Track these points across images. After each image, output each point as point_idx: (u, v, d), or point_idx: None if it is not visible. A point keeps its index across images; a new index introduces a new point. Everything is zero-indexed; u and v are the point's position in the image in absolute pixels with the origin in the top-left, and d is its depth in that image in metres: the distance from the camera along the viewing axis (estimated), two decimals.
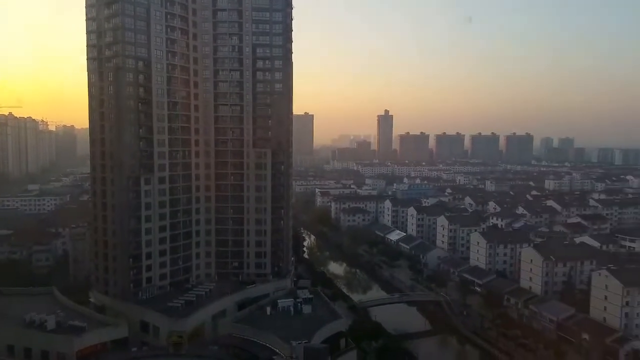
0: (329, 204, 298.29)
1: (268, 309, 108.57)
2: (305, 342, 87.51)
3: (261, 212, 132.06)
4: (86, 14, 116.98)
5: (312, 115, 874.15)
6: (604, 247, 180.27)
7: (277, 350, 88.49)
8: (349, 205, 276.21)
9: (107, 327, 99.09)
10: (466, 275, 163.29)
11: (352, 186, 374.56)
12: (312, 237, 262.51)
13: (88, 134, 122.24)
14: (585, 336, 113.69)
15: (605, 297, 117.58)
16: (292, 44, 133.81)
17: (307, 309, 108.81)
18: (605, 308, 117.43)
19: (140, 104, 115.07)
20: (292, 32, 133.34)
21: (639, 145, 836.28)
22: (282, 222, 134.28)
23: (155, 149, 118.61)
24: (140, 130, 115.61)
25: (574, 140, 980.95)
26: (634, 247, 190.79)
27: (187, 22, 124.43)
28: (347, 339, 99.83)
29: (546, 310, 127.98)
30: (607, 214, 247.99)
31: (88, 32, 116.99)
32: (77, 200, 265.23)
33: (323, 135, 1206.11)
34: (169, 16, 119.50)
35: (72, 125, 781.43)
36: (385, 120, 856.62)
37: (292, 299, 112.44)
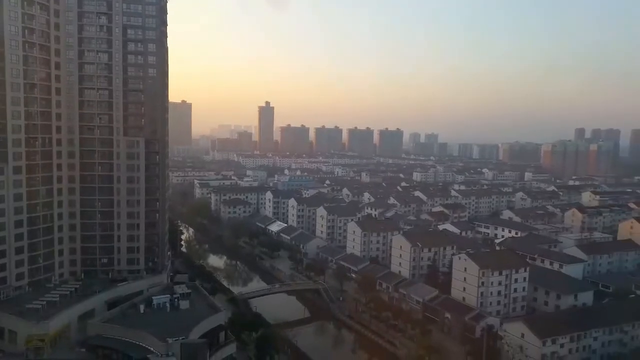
0: (209, 195, 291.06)
1: (142, 307, 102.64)
2: (182, 339, 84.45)
3: (134, 204, 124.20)
4: None
5: (190, 104, 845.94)
6: (463, 233, 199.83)
7: (152, 349, 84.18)
8: (229, 197, 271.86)
9: None
10: (343, 263, 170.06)
11: (232, 177, 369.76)
12: (191, 230, 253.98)
13: None
14: (447, 315, 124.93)
15: (464, 279, 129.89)
16: (168, 27, 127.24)
17: (184, 304, 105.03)
18: (464, 288, 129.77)
19: None
20: (168, 15, 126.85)
21: (494, 141, 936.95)
22: (157, 215, 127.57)
23: (10, 135, 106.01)
24: None
25: (438, 135, 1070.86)
26: (488, 233, 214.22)
27: None
28: (226, 332, 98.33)
29: (413, 292, 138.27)
30: (465, 203, 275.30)
31: None
32: None
33: (202, 124, 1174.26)
34: None
35: None
36: (266, 112, 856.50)
37: (169, 295, 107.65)
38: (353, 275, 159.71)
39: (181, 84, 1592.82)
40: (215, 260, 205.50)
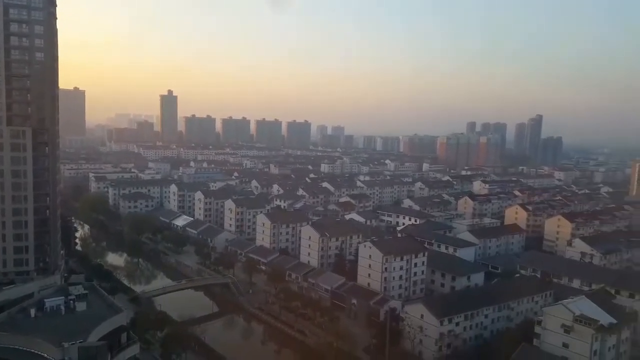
0: (106, 189, 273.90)
1: (32, 311, 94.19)
2: (80, 342, 79.00)
3: (20, 201, 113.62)
4: None
5: (84, 91, 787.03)
6: (368, 222, 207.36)
7: (46, 355, 77.81)
8: (129, 191, 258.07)
9: None
10: (252, 255, 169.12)
11: (133, 170, 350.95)
12: (87, 227, 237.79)
13: None
14: (354, 301, 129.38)
15: (369, 265, 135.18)
16: (57, 8, 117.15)
17: (81, 306, 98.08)
18: (369, 275, 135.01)
19: None
20: None
21: (395, 134, 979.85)
22: (47, 211, 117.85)
23: None
24: None
25: (345, 128, 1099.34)
26: (390, 221, 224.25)
27: None
28: (129, 332, 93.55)
29: (322, 281, 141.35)
30: (370, 193, 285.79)
31: None
32: None
33: (97, 113, 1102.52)
34: None
35: None
36: (168, 101, 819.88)
37: (63, 297, 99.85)
38: (263, 267, 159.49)
39: (73, 70, 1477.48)
40: (115, 258, 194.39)
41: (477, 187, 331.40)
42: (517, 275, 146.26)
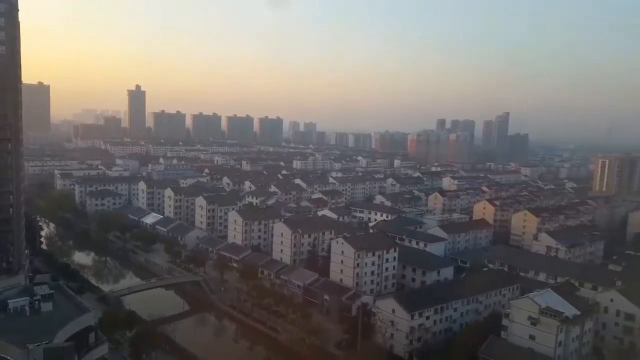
0: (72, 187, 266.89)
1: None
2: (45, 343, 76.92)
3: None
4: None
5: (48, 85, 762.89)
6: (341, 218, 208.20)
7: (10, 358, 75.48)
8: (96, 188, 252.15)
9: None
10: (224, 253, 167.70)
11: (100, 167, 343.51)
12: (52, 225, 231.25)
13: None
14: (326, 297, 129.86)
15: (342, 261, 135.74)
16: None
17: (47, 306, 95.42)
18: (341, 271, 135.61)
19: None
20: None
21: (367, 131, 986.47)
22: (11, 209, 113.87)
23: None
24: None
25: (317, 124, 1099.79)
26: (362, 217, 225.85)
27: None
28: (96, 332, 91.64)
29: (294, 277, 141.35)
30: (342, 190, 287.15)
31: None
32: None
33: (63, 109, 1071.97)
34: None
35: None
36: (136, 96, 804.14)
37: (28, 298, 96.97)
38: (235, 265, 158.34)
39: (37, 64, 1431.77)
40: (82, 257, 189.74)
41: (447, 183, 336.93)
42: (485, 269, 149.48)
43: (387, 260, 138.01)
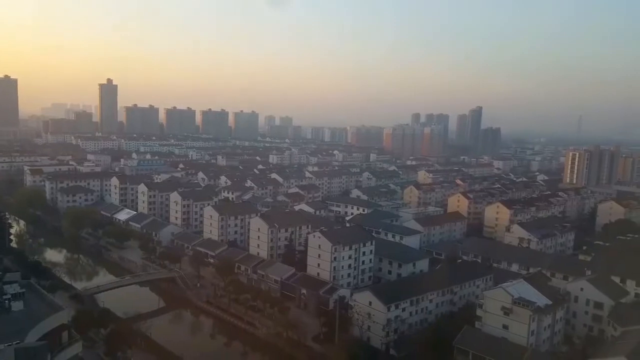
0: (43, 183, 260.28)
1: None
2: (16, 343, 75.08)
3: None
4: None
5: (16, 79, 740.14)
6: (318, 213, 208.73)
7: None
8: (67, 184, 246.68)
9: None
10: (200, 249, 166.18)
11: (71, 163, 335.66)
12: (22, 222, 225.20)
13: None
14: (304, 291, 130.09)
15: (319, 255, 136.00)
16: None
17: (17, 305, 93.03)
18: (318, 265, 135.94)
19: None
20: None
21: (343, 125, 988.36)
22: None
23: None
24: None
25: (293, 119, 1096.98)
26: (339, 211, 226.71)
27: None
28: (70, 331, 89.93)
29: (271, 272, 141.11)
30: (319, 184, 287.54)
31: None
32: None
33: (31, 103, 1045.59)
34: None
35: None
36: (108, 90, 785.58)
37: None
38: (211, 261, 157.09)
39: (5, 57, 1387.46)
40: (54, 255, 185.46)
41: (422, 176, 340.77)
42: (460, 260, 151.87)
43: (363, 253, 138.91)
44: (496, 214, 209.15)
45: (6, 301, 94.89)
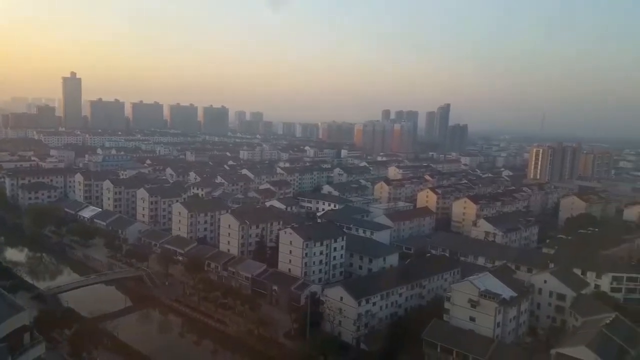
0: (2, 180, 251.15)
1: None
2: None
3: None
4: None
5: None
6: (289, 209, 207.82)
7: None
8: (29, 181, 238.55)
9: None
10: (168, 246, 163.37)
11: (32, 158, 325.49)
12: None
13: None
14: (275, 287, 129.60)
15: (290, 251, 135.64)
16: None
17: None
18: (290, 261, 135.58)
19: None
20: None
21: (314, 121, 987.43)
22: None
23: None
24: None
25: (263, 114, 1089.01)
26: (310, 207, 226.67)
27: None
28: (32, 332, 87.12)
29: (242, 269, 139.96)
30: (290, 180, 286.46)
31: None
32: None
33: None
34: None
35: None
36: (71, 83, 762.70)
37: None
38: (180, 258, 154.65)
39: None
40: (15, 254, 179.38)
41: (392, 172, 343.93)
42: (428, 254, 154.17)
43: (334, 249, 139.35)
44: (463, 209, 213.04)
45: None
